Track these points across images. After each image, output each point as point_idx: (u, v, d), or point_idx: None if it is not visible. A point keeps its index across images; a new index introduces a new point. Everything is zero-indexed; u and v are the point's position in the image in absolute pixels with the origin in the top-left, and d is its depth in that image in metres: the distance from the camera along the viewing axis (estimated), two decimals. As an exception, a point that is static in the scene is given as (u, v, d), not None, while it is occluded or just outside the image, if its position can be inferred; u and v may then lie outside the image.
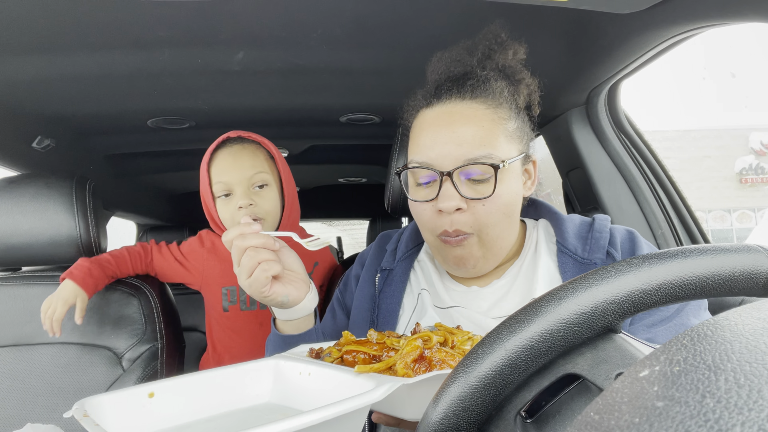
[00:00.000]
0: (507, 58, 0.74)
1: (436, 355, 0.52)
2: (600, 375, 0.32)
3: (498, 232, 0.71)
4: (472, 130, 0.69)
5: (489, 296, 0.75)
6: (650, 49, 0.94)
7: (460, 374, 0.34)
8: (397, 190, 1.14)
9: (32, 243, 1.16)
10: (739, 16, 0.74)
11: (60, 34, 0.90)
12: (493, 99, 0.72)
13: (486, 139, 0.69)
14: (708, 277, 0.33)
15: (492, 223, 0.70)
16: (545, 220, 0.84)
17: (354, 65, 1.12)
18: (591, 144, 1.25)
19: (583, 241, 0.74)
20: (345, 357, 0.57)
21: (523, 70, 0.76)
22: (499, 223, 0.71)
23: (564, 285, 0.35)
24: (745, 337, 0.23)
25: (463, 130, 0.69)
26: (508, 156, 0.70)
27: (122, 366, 1.17)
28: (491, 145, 0.69)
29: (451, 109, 0.71)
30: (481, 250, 0.72)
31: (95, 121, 1.39)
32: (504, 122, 0.71)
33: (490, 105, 0.71)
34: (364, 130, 1.61)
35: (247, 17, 0.89)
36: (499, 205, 0.69)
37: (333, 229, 8.59)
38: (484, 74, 0.74)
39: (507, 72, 0.75)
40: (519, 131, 0.74)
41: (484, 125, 0.70)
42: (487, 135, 0.69)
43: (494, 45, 0.75)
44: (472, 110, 0.70)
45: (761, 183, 14.29)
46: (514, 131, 0.72)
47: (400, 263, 0.86)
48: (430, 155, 0.70)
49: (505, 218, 0.71)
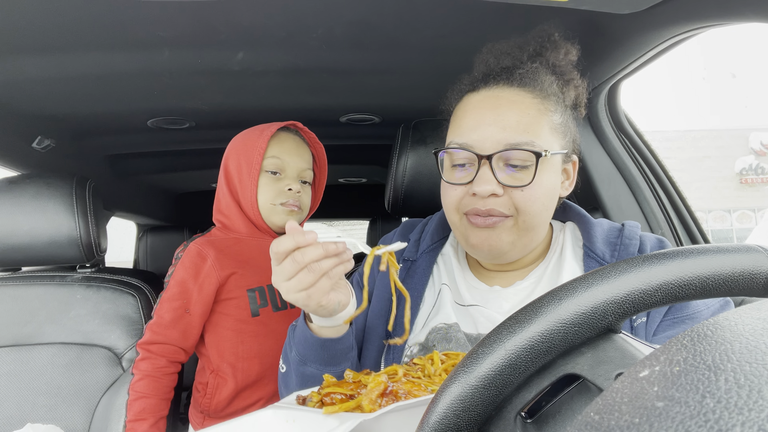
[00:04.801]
0: (558, 57, 0.74)
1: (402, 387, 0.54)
2: (600, 375, 0.32)
3: (536, 222, 0.70)
4: (517, 116, 0.68)
5: (511, 297, 0.74)
6: (650, 49, 0.94)
7: (460, 374, 0.34)
8: (397, 189, 1.14)
9: (32, 243, 1.16)
10: (739, 16, 0.74)
11: (60, 34, 0.90)
12: (542, 90, 0.71)
13: (530, 127, 0.68)
14: (708, 278, 0.33)
15: (531, 212, 0.68)
16: (573, 223, 0.82)
17: (354, 65, 1.12)
18: (591, 144, 1.25)
19: (612, 246, 0.73)
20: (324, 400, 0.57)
21: (573, 70, 0.76)
22: (539, 214, 0.69)
23: (564, 285, 0.35)
24: (745, 337, 0.23)
25: (508, 115, 0.68)
26: (551, 148, 0.69)
27: (122, 366, 1.17)
28: (535, 133, 0.68)
29: (498, 94, 0.71)
30: (512, 236, 0.70)
31: (95, 121, 1.39)
32: (550, 114, 0.70)
33: (538, 95, 0.70)
34: (364, 130, 1.61)
35: (247, 17, 0.89)
36: (539, 194, 0.68)
37: (333, 229, 8.58)
38: (534, 66, 0.73)
39: (557, 71, 0.75)
40: (563, 127, 0.73)
41: (530, 113, 0.69)
42: (531, 122, 0.68)
43: (546, 43, 0.75)
44: (519, 97, 0.70)
45: (761, 183, 14.29)
46: (559, 125, 0.72)
47: (424, 255, 0.84)
48: (472, 137, 0.70)
49: (545, 210, 0.70)
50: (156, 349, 1.00)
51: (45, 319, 1.18)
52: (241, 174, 1.06)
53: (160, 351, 1.00)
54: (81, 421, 1.12)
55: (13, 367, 1.14)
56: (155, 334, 1.01)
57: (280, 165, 1.07)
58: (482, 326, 0.72)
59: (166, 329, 1.01)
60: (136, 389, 0.98)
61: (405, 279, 0.83)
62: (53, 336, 1.16)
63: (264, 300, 1.06)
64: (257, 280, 1.06)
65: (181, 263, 1.04)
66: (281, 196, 1.06)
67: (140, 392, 0.97)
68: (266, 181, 1.06)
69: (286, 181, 1.07)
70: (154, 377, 0.99)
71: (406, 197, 1.13)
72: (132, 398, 0.97)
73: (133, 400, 0.97)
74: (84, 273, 1.26)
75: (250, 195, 1.05)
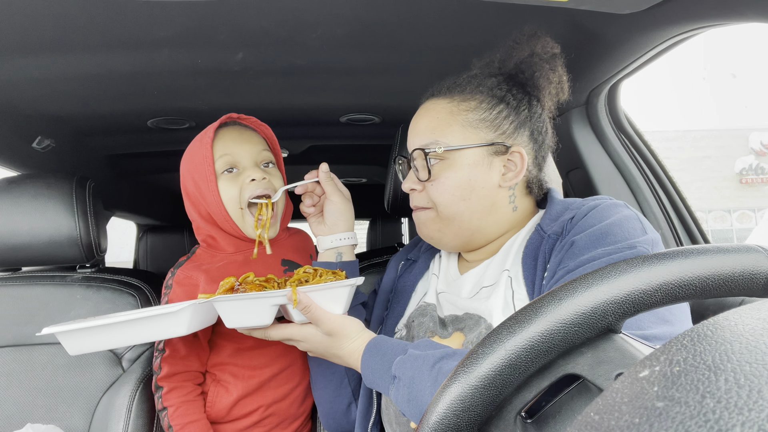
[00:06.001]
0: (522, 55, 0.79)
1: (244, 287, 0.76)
2: (600, 375, 0.32)
3: (452, 212, 0.77)
4: (426, 122, 0.79)
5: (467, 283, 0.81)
6: (650, 49, 0.94)
7: (460, 374, 0.34)
8: (396, 190, 1.14)
9: (32, 243, 1.16)
10: (739, 16, 0.74)
11: (60, 34, 0.90)
12: (460, 94, 0.79)
13: (437, 129, 0.77)
14: (708, 278, 0.33)
15: (442, 202, 0.77)
16: None
17: (354, 65, 1.12)
18: (591, 144, 1.25)
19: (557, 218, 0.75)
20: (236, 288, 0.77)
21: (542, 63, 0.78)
22: (452, 204, 0.77)
23: (564, 285, 0.35)
24: (745, 337, 0.23)
25: (420, 122, 0.81)
26: (460, 143, 0.76)
27: (122, 366, 1.17)
28: (440, 133, 0.77)
29: (421, 107, 0.83)
30: (436, 225, 0.80)
31: (95, 121, 1.39)
32: (464, 113, 0.77)
33: (455, 99, 0.79)
34: (364, 130, 1.61)
35: (247, 17, 0.89)
36: (446, 186, 0.76)
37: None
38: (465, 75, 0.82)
39: (522, 66, 0.79)
40: (488, 121, 0.77)
41: (438, 116, 0.78)
42: (438, 125, 0.78)
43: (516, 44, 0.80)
44: (434, 105, 0.80)
45: (761, 183, 14.29)
46: (477, 121, 0.77)
47: (424, 254, 0.95)
48: (407, 146, 0.84)
49: (459, 201, 0.76)
50: (178, 379, 0.99)
51: (45, 319, 1.18)
52: (200, 189, 0.98)
53: (183, 378, 1.00)
54: (81, 421, 1.12)
55: (13, 367, 1.14)
56: (174, 366, 0.99)
57: (232, 160, 0.98)
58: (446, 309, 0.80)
59: (184, 359, 1.00)
60: (177, 419, 0.96)
61: (404, 273, 0.95)
62: (53, 336, 1.16)
63: None
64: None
65: (174, 293, 1.00)
66: (246, 191, 0.97)
67: (185, 420, 0.96)
68: (226, 184, 0.97)
69: (245, 173, 0.97)
70: (189, 401, 0.99)
71: (405, 197, 1.13)
72: (178, 429, 0.95)
73: (180, 429, 0.95)
74: (84, 273, 1.26)
75: (216, 206, 0.97)
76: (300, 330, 0.78)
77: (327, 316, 0.75)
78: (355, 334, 0.75)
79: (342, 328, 0.75)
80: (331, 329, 0.75)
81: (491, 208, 0.78)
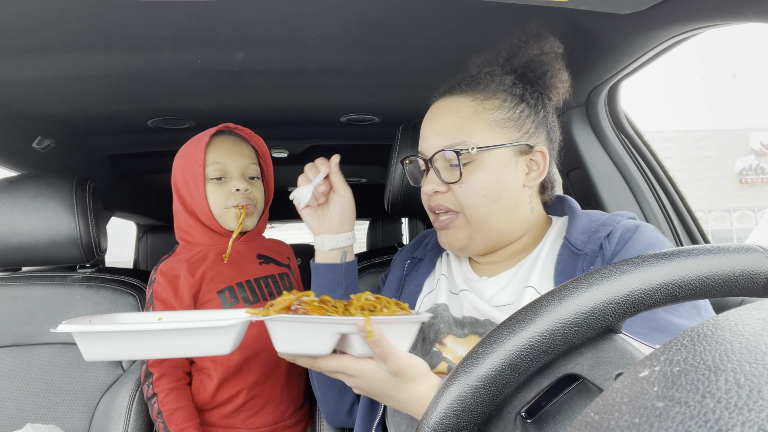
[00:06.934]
0: (531, 53, 0.78)
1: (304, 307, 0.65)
2: (600, 375, 0.32)
3: (482, 215, 0.75)
4: (450, 121, 0.76)
5: (492, 285, 0.78)
6: (650, 49, 0.94)
7: (460, 374, 0.34)
8: (396, 190, 1.14)
9: (32, 243, 1.16)
10: (739, 16, 0.74)
11: (60, 35, 0.90)
12: (483, 92, 0.76)
13: (462, 128, 0.75)
14: (708, 278, 0.33)
15: (473, 205, 0.74)
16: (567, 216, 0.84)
17: (354, 65, 1.12)
18: (591, 144, 1.25)
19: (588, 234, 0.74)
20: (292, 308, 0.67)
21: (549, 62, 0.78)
22: (482, 207, 0.74)
23: (564, 285, 0.35)
24: (745, 337, 0.23)
25: (442, 121, 0.77)
26: (488, 143, 0.74)
27: (122, 366, 1.17)
28: (467, 133, 0.74)
29: (439, 104, 0.80)
30: (467, 231, 0.77)
31: (95, 121, 1.39)
32: (490, 112, 0.75)
33: (477, 97, 0.76)
34: (364, 130, 1.61)
35: (247, 17, 0.89)
36: (477, 188, 0.74)
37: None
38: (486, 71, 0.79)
39: (531, 65, 0.79)
40: (512, 121, 0.76)
41: (463, 115, 0.76)
42: (464, 124, 0.75)
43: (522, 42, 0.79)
44: (455, 103, 0.77)
45: (761, 183, 14.29)
46: (503, 120, 0.75)
47: (430, 252, 0.93)
48: (422, 146, 0.80)
49: (489, 202, 0.74)
50: (168, 364, 1.04)
51: (45, 319, 1.18)
52: (189, 189, 1.09)
53: (172, 364, 1.04)
54: (81, 421, 1.12)
55: (13, 367, 1.14)
56: None
57: (221, 169, 1.09)
58: (466, 310, 0.78)
59: None
60: (167, 405, 0.99)
61: (410, 272, 0.92)
62: (53, 336, 1.16)
63: (235, 298, 1.09)
64: (224, 280, 1.09)
65: (158, 284, 1.07)
66: (230, 198, 1.08)
67: (174, 406, 0.99)
68: (213, 188, 1.09)
69: (231, 182, 1.09)
70: (178, 388, 1.03)
71: (405, 197, 1.14)
72: (167, 414, 0.99)
73: (170, 415, 0.98)
74: (84, 273, 1.26)
75: (202, 206, 1.08)
76: (357, 365, 0.66)
77: (397, 353, 0.64)
78: (422, 377, 0.65)
79: (411, 368, 0.64)
80: (399, 369, 0.64)
81: (516, 209, 0.77)
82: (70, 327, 0.63)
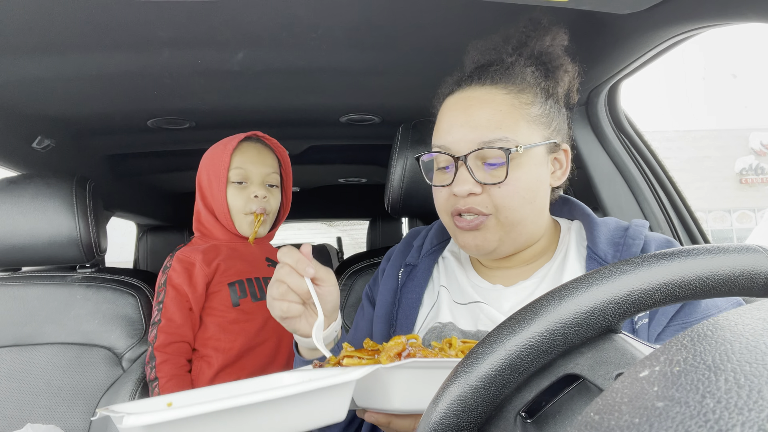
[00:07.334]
0: (543, 45, 0.74)
1: (420, 353, 0.56)
2: (600, 375, 0.32)
3: (518, 217, 0.70)
4: (488, 114, 0.69)
5: (512, 296, 0.74)
6: (650, 49, 0.94)
7: (460, 374, 0.34)
8: (397, 190, 1.14)
9: (32, 243, 1.16)
10: (739, 16, 0.74)
11: (60, 35, 0.90)
12: (516, 84, 0.71)
13: (503, 123, 0.69)
14: (708, 278, 0.33)
15: (510, 207, 0.69)
16: (579, 222, 0.81)
17: (354, 65, 1.12)
18: (591, 144, 1.25)
19: (615, 247, 0.71)
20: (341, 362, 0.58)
21: (562, 56, 0.75)
22: (520, 208, 0.69)
23: (564, 285, 0.35)
24: (745, 337, 0.23)
25: (479, 114, 0.70)
26: (528, 141, 0.69)
27: (122, 366, 1.17)
28: (508, 128, 0.68)
29: (470, 95, 0.72)
30: (499, 233, 0.71)
31: (95, 121, 1.39)
32: (526, 107, 0.70)
33: (512, 90, 0.71)
34: (364, 130, 1.61)
35: (247, 17, 0.89)
36: (517, 189, 0.68)
37: (333, 229, 8.59)
38: (511, 60, 0.73)
39: (543, 58, 0.74)
40: (545, 117, 0.72)
41: (501, 109, 0.69)
42: (504, 119, 0.69)
43: (531, 31, 0.74)
44: (490, 95, 0.71)
45: (761, 183, 14.29)
46: (538, 116, 0.71)
47: (424, 259, 0.85)
48: (447, 139, 0.71)
49: (526, 204, 0.70)
50: (173, 349, 1.07)
51: (45, 319, 1.18)
52: (211, 188, 1.16)
53: (177, 350, 1.08)
54: (81, 421, 1.12)
55: (13, 367, 1.14)
56: (171, 335, 1.08)
57: (244, 174, 1.15)
58: (482, 323, 0.72)
59: (179, 328, 1.09)
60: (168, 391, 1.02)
61: (406, 282, 0.84)
62: (53, 336, 1.16)
63: (243, 292, 1.15)
64: (236, 274, 1.15)
65: (173, 270, 1.12)
66: (249, 203, 1.15)
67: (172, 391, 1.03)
68: (234, 192, 1.15)
69: (251, 188, 1.16)
70: (179, 375, 1.06)
71: (405, 197, 1.13)
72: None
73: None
74: (84, 273, 1.26)
75: (221, 206, 1.14)
76: None
77: None
78: None
79: None
80: None
81: (543, 210, 0.74)
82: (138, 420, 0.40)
